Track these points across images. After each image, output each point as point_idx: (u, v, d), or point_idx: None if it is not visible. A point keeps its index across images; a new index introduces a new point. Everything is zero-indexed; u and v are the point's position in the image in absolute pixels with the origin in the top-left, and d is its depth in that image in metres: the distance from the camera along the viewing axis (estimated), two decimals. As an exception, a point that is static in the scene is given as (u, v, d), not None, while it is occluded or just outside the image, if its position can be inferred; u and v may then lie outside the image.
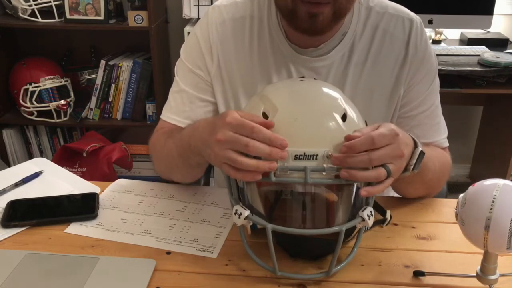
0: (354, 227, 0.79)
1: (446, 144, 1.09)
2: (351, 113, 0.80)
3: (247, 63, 1.05)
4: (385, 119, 1.05)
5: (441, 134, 1.09)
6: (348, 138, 0.75)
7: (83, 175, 1.19)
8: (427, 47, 1.04)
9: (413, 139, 0.84)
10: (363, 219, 0.77)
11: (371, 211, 0.78)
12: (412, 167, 0.82)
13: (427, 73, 1.04)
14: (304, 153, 0.74)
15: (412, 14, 1.05)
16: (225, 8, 1.06)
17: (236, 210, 0.78)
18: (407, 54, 1.02)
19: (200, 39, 1.07)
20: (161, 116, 1.11)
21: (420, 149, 0.83)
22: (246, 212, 0.77)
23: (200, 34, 1.07)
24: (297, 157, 0.74)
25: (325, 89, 0.83)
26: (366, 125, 0.83)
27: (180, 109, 1.08)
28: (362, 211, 0.77)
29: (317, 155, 0.74)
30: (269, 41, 1.04)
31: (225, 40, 1.05)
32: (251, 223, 0.80)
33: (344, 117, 0.78)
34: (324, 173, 0.74)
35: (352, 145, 0.74)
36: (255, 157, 0.74)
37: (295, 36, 1.01)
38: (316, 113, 0.78)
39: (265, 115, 0.79)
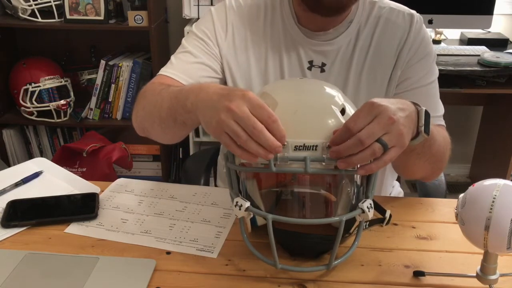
0: (354, 220, 0.80)
1: (443, 122, 1.09)
2: (350, 109, 0.82)
3: (261, 48, 1.11)
4: None
5: (438, 111, 1.09)
6: (331, 141, 0.74)
7: (83, 175, 1.19)
8: (426, 35, 1.11)
9: (413, 103, 0.80)
10: (363, 211, 0.77)
11: (370, 204, 0.78)
12: (423, 127, 0.79)
13: (425, 56, 1.09)
14: (304, 144, 0.75)
15: (413, 10, 1.12)
16: None
17: (237, 202, 0.78)
18: (407, 39, 1.08)
19: (215, 16, 1.12)
20: (160, 72, 1.08)
21: (424, 108, 0.80)
22: (247, 203, 0.78)
23: (216, 13, 1.12)
24: (297, 148, 0.75)
25: (324, 86, 0.86)
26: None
27: (181, 67, 1.06)
28: (362, 203, 0.78)
29: (316, 146, 0.75)
30: (281, 27, 1.10)
31: (241, 23, 1.11)
32: (252, 215, 0.80)
33: (343, 111, 0.80)
34: (323, 163, 0.75)
35: (337, 151, 0.73)
36: None
37: (307, 19, 1.07)
38: (316, 106, 0.80)
39: None
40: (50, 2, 2.34)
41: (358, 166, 0.76)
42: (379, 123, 0.73)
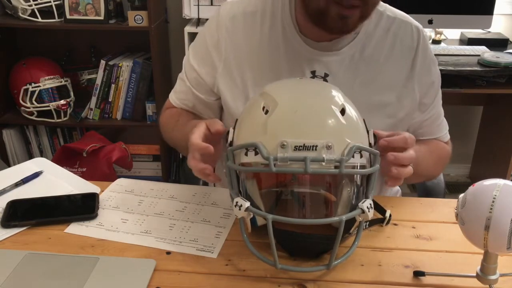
0: (354, 220, 0.80)
1: (448, 137, 1.20)
2: (350, 109, 0.82)
3: (258, 57, 1.07)
4: (407, 116, 1.10)
5: (443, 130, 1.19)
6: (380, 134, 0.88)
7: (83, 175, 1.19)
8: (432, 55, 1.12)
9: None
10: (363, 211, 0.77)
11: (370, 204, 0.78)
12: None
13: (435, 77, 1.12)
14: (304, 144, 0.75)
15: (417, 22, 1.11)
16: (237, 3, 1.09)
17: (237, 202, 0.78)
18: (415, 60, 1.07)
19: (207, 36, 1.11)
20: (169, 95, 1.24)
21: None
22: (247, 204, 0.78)
23: (208, 31, 1.11)
24: (296, 148, 0.75)
25: (324, 86, 0.86)
26: (365, 123, 0.85)
27: (179, 95, 1.20)
28: (362, 203, 0.78)
29: (316, 146, 0.75)
30: (281, 35, 1.06)
31: (235, 35, 1.08)
32: (252, 215, 0.80)
33: (343, 112, 0.80)
34: (323, 164, 0.75)
35: (391, 140, 0.87)
36: None
37: (310, 29, 1.03)
38: (316, 106, 0.80)
39: (265, 110, 0.81)
40: (50, 2, 2.34)
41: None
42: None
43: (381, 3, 1.04)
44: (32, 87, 2.40)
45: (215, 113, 1.17)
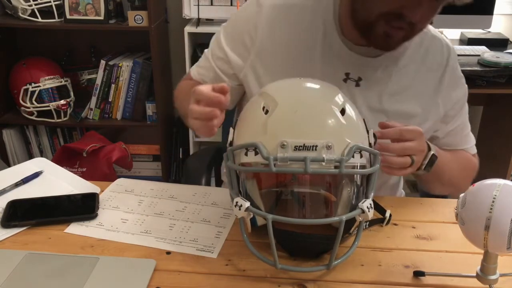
0: (354, 220, 0.80)
1: (475, 151, 1.22)
2: (350, 109, 0.82)
3: (293, 50, 1.06)
4: (428, 127, 1.11)
5: (469, 142, 1.21)
6: (381, 125, 0.91)
7: (83, 175, 1.19)
8: (460, 73, 1.14)
9: (427, 144, 0.97)
10: (363, 211, 0.77)
11: (370, 204, 0.78)
12: (424, 166, 0.96)
13: (463, 93, 1.14)
14: (304, 144, 0.75)
15: (448, 40, 1.15)
16: None
17: (237, 202, 0.78)
18: (443, 77, 1.10)
19: (243, 20, 1.10)
20: (191, 68, 1.25)
21: (432, 152, 0.97)
22: (247, 204, 0.78)
23: (246, 15, 1.10)
24: (297, 148, 0.75)
25: (324, 87, 0.86)
26: (365, 123, 0.85)
27: (200, 69, 1.20)
28: (362, 203, 0.78)
29: (316, 146, 0.75)
30: (321, 32, 1.05)
31: (274, 24, 1.07)
32: (252, 215, 0.80)
33: (343, 112, 0.80)
34: (323, 164, 0.75)
35: (384, 132, 0.88)
36: None
37: (350, 32, 1.02)
38: (316, 106, 0.80)
39: (265, 110, 0.81)
40: (50, 2, 2.34)
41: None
42: (419, 146, 0.91)
43: None
44: (32, 87, 2.40)
45: (232, 99, 1.14)
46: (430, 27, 1.11)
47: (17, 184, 1.05)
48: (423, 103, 1.09)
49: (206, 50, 1.20)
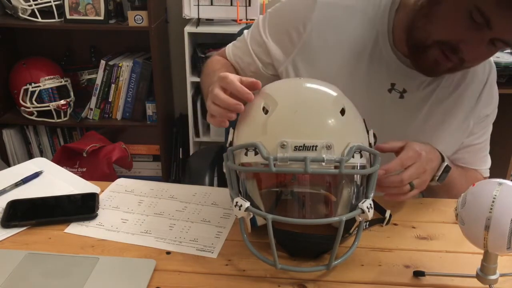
0: (354, 220, 0.80)
1: (488, 174, 1.20)
2: (350, 109, 0.82)
3: (340, 52, 1.05)
4: (454, 144, 1.12)
5: (485, 164, 1.20)
6: (378, 147, 0.89)
7: (83, 175, 1.19)
8: (496, 92, 1.15)
9: (441, 155, 0.96)
10: (363, 211, 0.77)
11: (370, 204, 0.78)
12: (437, 177, 0.95)
13: (492, 112, 1.15)
14: (304, 144, 0.75)
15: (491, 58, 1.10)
16: None
17: (237, 202, 0.78)
18: (482, 93, 1.10)
19: (294, 13, 1.07)
20: (227, 46, 1.21)
21: (445, 163, 0.95)
22: (246, 204, 0.78)
23: (297, 8, 1.07)
24: (297, 148, 0.75)
25: (324, 86, 0.85)
26: (365, 123, 0.85)
27: (236, 50, 1.18)
28: (362, 203, 0.78)
29: (316, 146, 0.75)
30: (373, 39, 1.03)
31: (325, 23, 1.04)
32: (251, 215, 0.80)
33: (343, 111, 0.80)
34: (323, 164, 0.75)
35: (387, 169, 0.86)
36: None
37: (402, 43, 1.01)
38: (316, 106, 0.80)
39: (265, 110, 0.81)
40: (50, 2, 2.34)
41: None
42: (417, 170, 0.89)
43: None
44: (32, 87, 2.41)
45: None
46: None
47: (17, 184, 1.05)
48: (456, 121, 1.09)
49: (246, 32, 1.17)
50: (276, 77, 1.11)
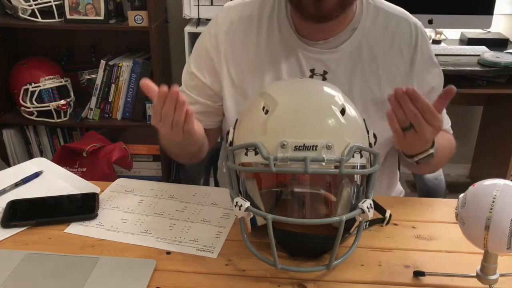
0: (354, 220, 0.80)
1: (451, 131, 1.20)
2: (350, 109, 0.82)
3: (258, 60, 1.07)
4: None
5: (448, 123, 1.19)
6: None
7: (83, 175, 1.19)
8: (431, 53, 1.11)
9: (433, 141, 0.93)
10: (363, 211, 0.77)
11: (370, 204, 0.78)
12: (419, 158, 0.94)
13: (438, 84, 1.11)
14: (304, 144, 0.75)
15: (415, 19, 1.10)
16: (233, 8, 1.10)
17: (237, 202, 0.79)
18: (414, 58, 1.07)
19: (207, 42, 1.10)
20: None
21: (431, 151, 0.94)
22: (246, 204, 0.78)
23: (208, 37, 1.10)
24: (297, 148, 0.75)
25: (324, 87, 0.86)
26: (365, 123, 0.85)
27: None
28: (362, 203, 0.78)
29: (316, 146, 0.75)
30: (278, 37, 1.06)
31: (234, 39, 1.08)
32: (252, 215, 0.80)
33: (343, 112, 0.80)
34: (323, 164, 0.75)
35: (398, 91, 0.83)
36: None
37: (306, 29, 1.04)
38: (316, 106, 0.80)
39: (265, 110, 0.81)
40: (50, 2, 2.34)
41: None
42: (428, 132, 0.86)
43: None
44: (32, 87, 2.40)
45: (216, 121, 1.16)
46: (395, 8, 1.09)
47: (17, 184, 1.05)
48: (395, 87, 1.07)
49: (180, 88, 1.16)
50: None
